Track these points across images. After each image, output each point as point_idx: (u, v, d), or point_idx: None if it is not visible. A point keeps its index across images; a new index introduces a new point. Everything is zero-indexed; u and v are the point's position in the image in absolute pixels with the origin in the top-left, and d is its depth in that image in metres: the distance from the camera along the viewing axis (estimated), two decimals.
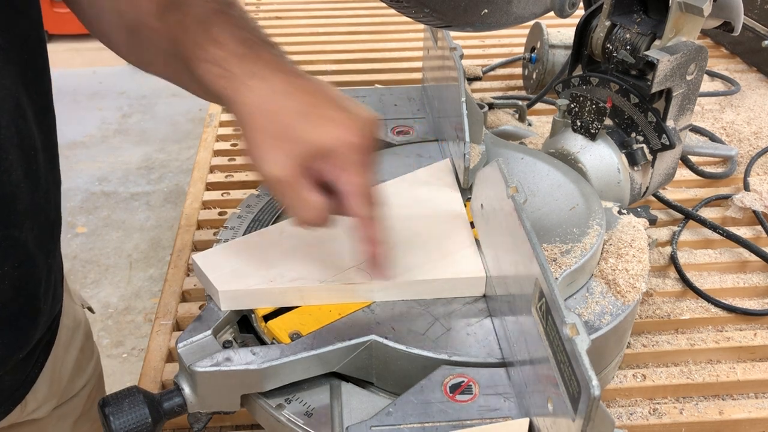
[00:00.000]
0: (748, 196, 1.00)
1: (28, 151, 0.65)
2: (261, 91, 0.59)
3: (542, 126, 1.13)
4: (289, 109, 0.59)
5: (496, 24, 0.66)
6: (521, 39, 1.35)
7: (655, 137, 0.79)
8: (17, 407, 0.77)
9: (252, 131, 0.59)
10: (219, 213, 1.03)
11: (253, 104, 0.59)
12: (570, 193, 0.76)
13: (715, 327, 0.86)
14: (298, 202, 0.59)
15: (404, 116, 0.94)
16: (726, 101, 1.26)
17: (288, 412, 0.60)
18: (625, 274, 0.68)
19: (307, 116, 0.59)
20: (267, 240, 0.71)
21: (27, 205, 0.66)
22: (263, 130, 0.59)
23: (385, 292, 0.66)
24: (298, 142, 0.58)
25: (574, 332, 0.46)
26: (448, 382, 0.58)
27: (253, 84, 0.59)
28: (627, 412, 0.75)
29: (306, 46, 1.46)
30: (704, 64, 0.78)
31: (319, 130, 0.58)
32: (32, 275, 0.69)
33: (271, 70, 0.61)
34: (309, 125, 0.58)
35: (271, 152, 0.59)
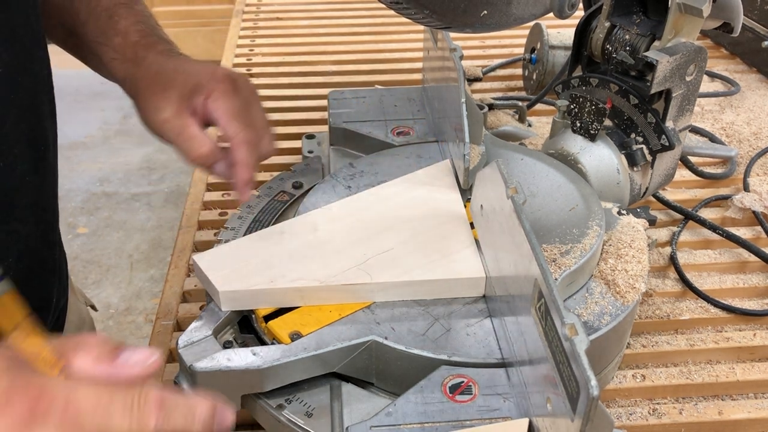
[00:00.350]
0: (747, 197, 1.01)
1: (38, 147, 0.67)
2: (148, 67, 0.71)
3: (542, 127, 1.13)
4: (168, 68, 0.70)
5: (496, 25, 0.67)
6: (521, 40, 1.35)
7: (655, 138, 0.80)
8: None
9: (141, 94, 0.70)
10: (219, 213, 1.03)
11: (141, 77, 0.71)
12: (569, 194, 0.76)
13: (715, 327, 0.86)
14: (189, 138, 0.68)
15: (404, 117, 0.94)
16: (726, 102, 1.26)
17: (288, 412, 0.60)
18: (624, 274, 0.69)
19: (179, 70, 0.70)
20: (267, 240, 0.71)
21: (32, 200, 0.68)
22: (149, 90, 0.70)
23: (385, 292, 0.66)
24: (176, 86, 0.69)
25: (573, 332, 0.47)
26: (447, 383, 0.59)
27: (142, 64, 0.71)
28: (626, 412, 0.75)
29: (306, 46, 1.46)
30: (704, 65, 0.78)
31: (192, 73, 0.69)
32: (36, 268, 0.69)
33: (158, 54, 0.72)
34: (183, 74, 0.69)
35: (157, 103, 0.69)
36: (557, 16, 0.70)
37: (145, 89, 0.70)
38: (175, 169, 3.10)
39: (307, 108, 1.25)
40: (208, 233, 0.99)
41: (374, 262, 0.68)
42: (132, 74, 0.71)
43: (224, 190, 1.08)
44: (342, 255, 0.69)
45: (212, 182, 1.09)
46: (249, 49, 1.46)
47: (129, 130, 3.37)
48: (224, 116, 0.68)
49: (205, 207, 1.05)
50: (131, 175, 3.07)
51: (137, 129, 3.53)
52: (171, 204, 2.90)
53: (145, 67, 0.71)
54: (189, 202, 1.05)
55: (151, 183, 3.03)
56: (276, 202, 0.82)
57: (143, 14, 0.76)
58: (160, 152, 3.20)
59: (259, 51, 1.45)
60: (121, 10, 0.74)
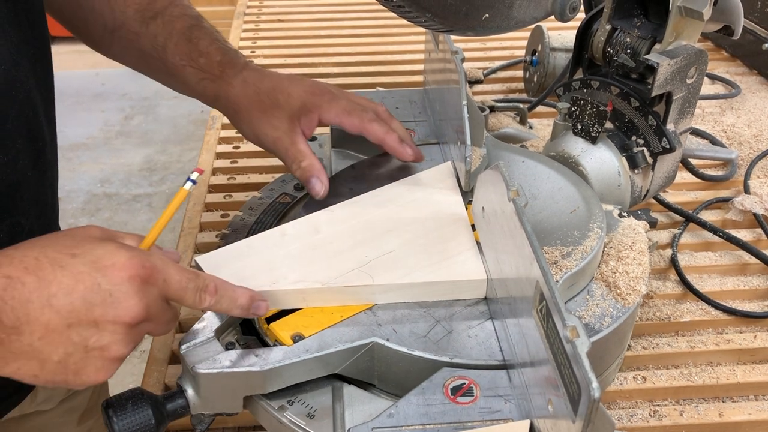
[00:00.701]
0: (748, 199, 1.01)
1: (36, 142, 0.69)
2: (239, 85, 0.78)
3: (543, 129, 1.13)
4: (264, 89, 0.78)
5: (497, 28, 0.67)
6: (522, 42, 1.36)
7: (656, 140, 0.80)
8: (28, 396, 0.79)
9: (245, 113, 0.78)
10: (221, 215, 1.03)
11: (236, 95, 0.78)
12: (571, 196, 0.76)
13: (715, 329, 0.86)
14: (297, 152, 0.76)
15: (406, 119, 0.95)
16: (726, 104, 1.26)
17: (290, 413, 0.60)
18: (625, 276, 0.69)
19: (278, 89, 0.78)
20: (269, 242, 0.72)
21: (34, 194, 0.70)
22: (250, 110, 0.77)
23: (386, 294, 0.66)
24: (282, 107, 0.76)
25: (574, 334, 0.47)
26: (449, 384, 0.59)
27: (234, 83, 0.78)
28: (627, 413, 0.76)
29: (308, 48, 1.47)
30: (704, 68, 0.78)
31: (293, 95, 0.77)
32: None
33: (249, 72, 0.80)
34: (284, 95, 0.77)
35: (269, 121, 0.77)
36: (558, 19, 0.70)
37: (248, 108, 0.78)
38: (175, 171, 3.11)
39: None
40: (210, 235, 1.00)
41: (376, 264, 0.68)
42: (225, 93, 0.79)
43: (225, 192, 1.08)
44: (344, 257, 0.69)
45: (214, 184, 1.09)
46: (251, 50, 1.46)
47: (130, 131, 3.37)
48: (340, 117, 0.77)
49: (207, 209, 1.05)
50: (132, 177, 3.07)
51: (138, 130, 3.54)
52: None
53: (239, 86, 0.78)
54: (191, 203, 1.05)
55: (152, 184, 3.03)
56: (278, 203, 0.83)
57: (212, 30, 0.82)
58: (160, 153, 3.21)
59: (261, 53, 1.46)
60: (196, 31, 0.80)
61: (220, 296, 0.58)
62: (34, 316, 0.49)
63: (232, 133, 1.20)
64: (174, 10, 0.81)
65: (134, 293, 0.51)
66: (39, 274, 0.49)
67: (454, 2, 0.62)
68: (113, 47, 0.83)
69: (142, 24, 0.80)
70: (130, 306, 0.51)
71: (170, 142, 3.27)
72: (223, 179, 1.10)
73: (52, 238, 0.53)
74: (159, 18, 0.80)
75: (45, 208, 0.74)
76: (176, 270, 0.55)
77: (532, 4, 0.67)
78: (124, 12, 0.80)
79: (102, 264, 0.51)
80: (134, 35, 0.80)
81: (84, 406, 0.91)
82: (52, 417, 0.86)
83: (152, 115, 3.49)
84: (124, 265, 0.51)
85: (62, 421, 0.89)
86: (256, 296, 0.61)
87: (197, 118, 3.41)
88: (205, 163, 1.14)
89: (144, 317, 0.52)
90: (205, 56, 0.79)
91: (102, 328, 0.51)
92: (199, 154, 1.17)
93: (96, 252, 0.51)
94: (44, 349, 0.50)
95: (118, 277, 0.51)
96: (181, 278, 0.55)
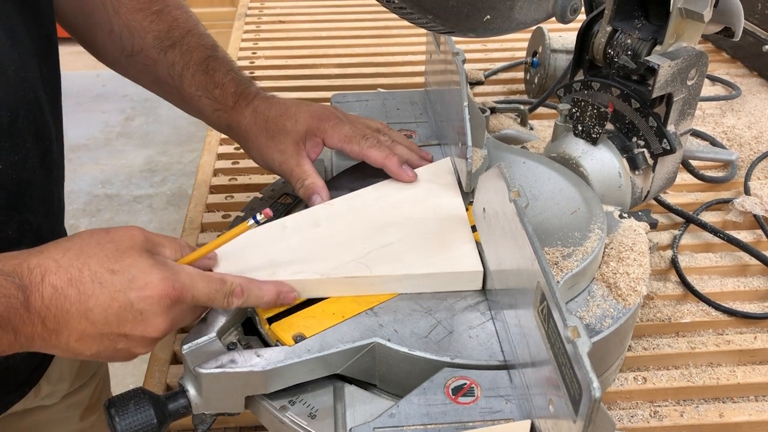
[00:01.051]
0: (748, 200, 1.01)
1: (44, 141, 0.72)
2: (249, 115, 0.82)
3: (544, 130, 1.13)
4: (272, 116, 0.82)
5: (499, 30, 0.67)
6: (523, 43, 1.36)
7: (656, 142, 0.80)
8: (32, 390, 0.81)
9: (254, 140, 0.82)
10: (222, 216, 1.03)
11: (247, 125, 0.82)
12: (571, 197, 0.76)
13: (716, 330, 0.86)
14: (303, 173, 0.79)
15: (407, 120, 0.95)
16: (727, 105, 1.26)
17: (292, 413, 0.61)
18: (626, 277, 0.69)
19: (285, 115, 0.82)
20: (270, 235, 0.72)
21: (42, 192, 0.72)
22: (259, 137, 0.82)
23: (384, 285, 0.67)
24: (288, 132, 0.80)
25: (575, 335, 0.47)
26: (450, 384, 0.59)
27: (245, 113, 0.83)
28: (628, 414, 0.76)
29: (309, 50, 1.47)
30: (705, 70, 0.79)
31: (299, 120, 0.81)
32: None
33: (260, 102, 0.83)
34: (291, 121, 0.81)
35: (276, 146, 0.81)
36: (559, 21, 0.70)
37: (257, 135, 0.82)
38: (176, 171, 3.11)
39: None
40: (211, 235, 1.00)
41: (374, 256, 0.69)
42: (237, 123, 0.83)
43: (227, 193, 1.08)
44: (343, 249, 0.70)
45: (215, 184, 1.10)
46: (252, 52, 1.46)
47: (131, 132, 3.37)
48: (341, 143, 0.80)
49: (208, 209, 1.05)
50: (133, 177, 3.08)
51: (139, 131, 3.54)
52: (173, 206, 2.91)
53: (249, 116, 0.82)
54: (192, 204, 1.06)
55: (153, 185, 3.03)
56: (279, 204, 0.83)
57: (227, 60, 0.86)
58: (161, 154, 3.21)
59: (262, 54, 1.46)
60: (212, 63, 0.83)
61: (247, 296, 0.63)
62: (73, 324, 0.55)
63: None
64: (191, 40, 0.83)
65: (162, 312, 0.58)
66: (80, 288, 0.55)
67: (455, 4, 0.63)
68: (129, 69, 0.86)
69: (160, 52, 0.82)
70: (158, 324, 0.58)
71: (171, 143, 3.27)
72: (224, 180, 1.11)
73: (95, 246, 0.58)
74: (177, 47, 0.83)
75: (52, 206, 0.76)
76: (204, 283, 0.60)
77: (533, 5, 0.67)
78: (143, 38, 0.82)
79: (136, 285, 0.57)
80: (152, 61, 0.83)
81: (86, 401, 0.92)
82: (55, 412, 0.87)
83: (153, 116, 3.49)
84: (156, 286, 0.57)
85: (65, 416, 0.90)
86: (283, 289, 0.65)
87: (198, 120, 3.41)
88: (206, 164, 1.14)
89: (169, 330, 0.59)
90: (220, 87, 0.83)
91: (130, 339, 0.58)
92: (200, 155, 1.17)
93: (132, 271, 0.57)
94: (78, 348, 0.57)
95: (150, 298, 0.57)
96: (209, 290, 0.60)
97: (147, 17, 0.82)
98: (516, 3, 0.65)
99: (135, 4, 0.82)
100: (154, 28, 0.82)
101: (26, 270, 0.54)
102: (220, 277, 0.62)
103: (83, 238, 0.58)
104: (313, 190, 0.78)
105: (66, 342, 0.56)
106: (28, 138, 0.69)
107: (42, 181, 0.72)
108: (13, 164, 0.67)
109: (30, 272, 0.54)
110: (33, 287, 0.54)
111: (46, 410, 0.86)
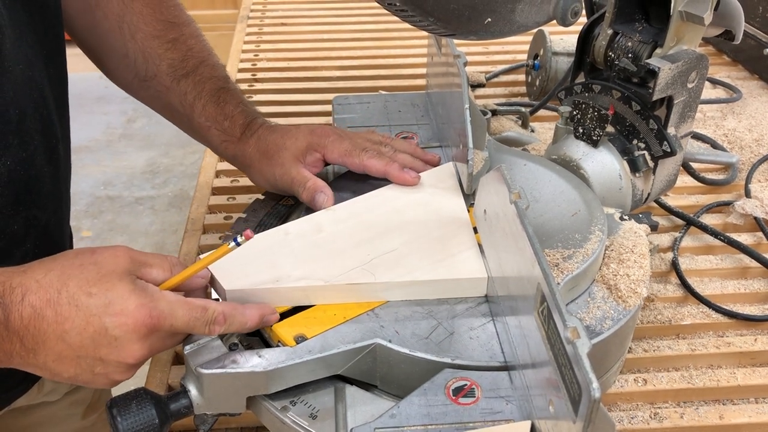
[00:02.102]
0: (749, 203, 1.01)
1: (50, 139, 0.73)
2: (253, 143, 0.84)
3: (545, 132, 1.13)
4: (273, 138, 0.83)
5: (500, 33, 0.67)
6: (524, 46, 1.36)
7: (657, 144, 0.80)
8: (35, 386, 0.82)
9: (255, 166, 0.84)
10: (224, 217, 1.04)
11: (250, 152, 0.84)
12: (572, 199, 0.76)
13: (716, 332, 0.86)
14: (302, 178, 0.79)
15: (408, 122, 0.95)
16: (728, 108, 1.26)
17: (293, 414, 0.61)
18: (626, 279, 0.69)
19: (285, 136, 0.83)
20: (273, 241, 0.72)
21: (50, 189, 0.74)
22: (261, 160, 0.83)
23: (388, 291, 0.67)
24: (287, 148, 0.82)
25: (575, 335, 0.47)
26: (451, 385, 0.59)
27: (249, 142, 0.84)
28: (628, 416, 0.76)
29: (311, 52, 1.47)
30: (705, 73, 0.79)
31: (299, 138, 0.82)
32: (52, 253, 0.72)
33: (264, 131, 0.84)
34: (291, 139, 0.82)
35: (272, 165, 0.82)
36: (560, 24, 0.70)
37: (259, 160, 0.83)
38: (178, 173, 3.11)
39: (311, 113, 1.26)
40: (213, 237, 1.00)
41: (378, 263, 0.69)
42: (242, 152, 0.84)
43: (229, 194, 1.09)
44: (346, 255, 0.70)
45: (217, 186, 1.10)
46: (254, 54, 1.47)
47: (133, 134, 3.38)
48: (342, 158, 0.82)
49: (210, 211, 1.06)
50: (135, 179, 3.08)
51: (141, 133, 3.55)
52: (175, 208, 2.91)
53: (253, 144, 0.84)
54: (194, 205, 1.06)
55: (155, 187, 3.04)
56: (280, 206, 0.83)
57: (237, 92, 0.87)
58: (163, 156, 3.22)
59: (264, 56, 1.46)
60: (223, 94, 0.85)
61: (229, 324, 0.61)
62: (50, 345, 0.56)
63: None
64: (204, 71, 0.85)
65: (138, 340, 0.57)
66: (57, 309, 0.55)
67: (456, 7, 0.63)
68: (141, 93, 0.88)
69: (174, 80, 0.84)
70: (134, 351, 0.57)
71: (173, 145, 3.28)
72: (226, 182, 1.11)
73: (77, 267, 0.57)
74: (190, 77, 0.84)
75: (60, 203, 0.77)
76: (184, 310, 0.59)
77: (534, 8, 0.67)
78: (158, 65, 0.84)
79: (112, 310, 0.56)
80: (165, 88, 0.84)
81: (89, 399, 0.92)
82: (57, 409, 0.88)
83: (155, 118, 3.46)
84: (132, 313, 0.56)
85: (67, 413, 0.90)
86: (265, 312, 0.64)
87: None
88: (208, 166, 1.14)
89: (146, 357, 0.59)
90: (229, 120, 0.84)
91: (107, 364, 0.58)
92: (202, 156, 1.18)
93: (110, 295, 0.56)
94: (56, 368, 0.58)
95: (125, 325, 0.56)
96: (189, 318, 0.59)
97: (163, 45, 0.84)
98: (517, 6, 0.66)
99: (152, 31, 0.83)
100: (169, 56, 0.84)
101: (8, 289, 0.55)
102: (203, 304, 0.60)
103: (67, 258, 0.58)
104: (315, 189, 0.78)
105: (44, 362, 0.57)
106: (36, 136, 0.70)
107: (50, 178, 0.73)
108: (22, 161, 0.68)
109: (12, 291, 0.55)
110: (13, 306, 0.55)
111: (48, 407, 0.87)
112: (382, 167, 0.80)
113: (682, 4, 0.74)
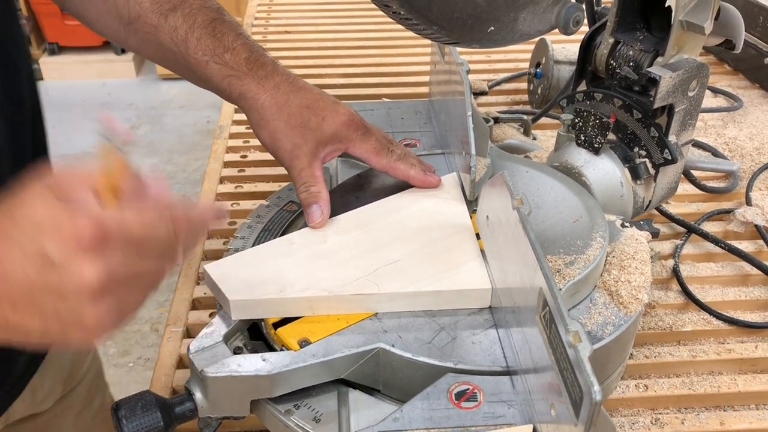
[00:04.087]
0: (750, 211, 1.02)
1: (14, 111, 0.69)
2: (270, 90, 0.76)
3: (547, 140, 1.14)
4: (296, 103, 0.76)
5: (502, 41, 0.68)
6: (526, 54, 1.37)
7: (658, 152, 0.81)
8: (28, 392, 0.80)
9: (269, 122, 0.76)
10: (229, 223, 1.04)
11: (265, 102, 0.76)
12: (574, 206, 0.77)
13: (717, 339, 0.87)
14: (309, 176, 0.76)
15: (411, 129, 0.96)
16: (729, 117, 1.27)
17: (296, 417, 0.61)
18: (627, 285, 0.70)
19: (311, 108, 0.76)
20: (277, 251, 0.73)
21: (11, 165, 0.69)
22: (277, 120, 0.75)
23: (392, 302, 0.67)
24: (312, 130, 0.76)
25: (576, 339, 0.48)
26: (453, 390, 0.60)
27: (263, 83, 0.76)
28: (629, 421, 0.76)
29: (314, 60, 1.48)
30: (706, 81, 0.80)
31: (327, 119, 0.76)
32: None
33: (272, 71, 0.78)
34: (316, 117, 0.76)
35: (289, 137, 0.75)
36: (562, 32, 0.71)
37: (275, 118, 0.76)
38: (181, 180, 3.12)
39: None
40: (218, 242, 1.01)
41: (382, 273, 0.69)
42: (254, 94, 0.76)
43: (233, 200, 1.09)
44: (350, 265, 0.70)
45: (221, 192, 1.11)
46: None
47: (136, 141, 3.39)
48: (368, 154, 0.79)
49: None
50: None
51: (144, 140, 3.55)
52: None
53: (270, 92, 0.76)
54: None
55: None
56: (284, 212, 0.84)
57: (236, 24, 0.80)
58: (166, 163, 3.23)
59: None
60: (219, 26, 0.77)
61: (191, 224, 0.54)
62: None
63: (240, 142, 1.22)
64: (194, 2, 0.78)
65: (86, 256, 0.46)
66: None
67: (460, 15, 0.64)
68: (129, 40, 0.81)
69: (161, 16, 0.77)
70: (87, 272, 0.46)
71: (176, 152, 3.29)
72: (230, 188, 1.12)
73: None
74: (178, 10, 0.77)
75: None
76: (133, 211, 0.49)
77: (536, 17, 0.68)
78: (140, 3, 0.77)
79: (44, 229, 0.46)
80: (152, 28, 0.78)
81: (80, 405, 0.93)
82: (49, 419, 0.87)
83: (158, 125, 3.51)
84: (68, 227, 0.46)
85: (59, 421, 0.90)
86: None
87: (203, 128, 3.43)
88: (212, 172, 1.15)
89: (108, 277, 0.47)
90: (231, 52, 0.76)
91: (67, 298, 0.47)
92: (205, 163, 1.18)
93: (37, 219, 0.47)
94: (20, 321, 0.48)
95: (64, 240, 0.46)
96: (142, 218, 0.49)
97: None
98: (520, 15, 0.66)
99: None
100: None
101: None
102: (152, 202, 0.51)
103: None
104: (316, 200, 0.75)
105: (3, 316, 0.47)
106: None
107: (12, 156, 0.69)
108: None
109: None
110: None
111: (41, 417, 0.86)
112: (406, 171, 0.79)
113: (683, 14, 0.75)
